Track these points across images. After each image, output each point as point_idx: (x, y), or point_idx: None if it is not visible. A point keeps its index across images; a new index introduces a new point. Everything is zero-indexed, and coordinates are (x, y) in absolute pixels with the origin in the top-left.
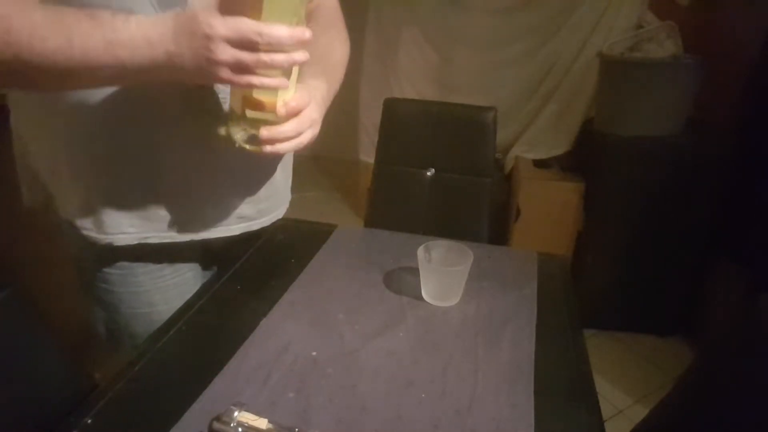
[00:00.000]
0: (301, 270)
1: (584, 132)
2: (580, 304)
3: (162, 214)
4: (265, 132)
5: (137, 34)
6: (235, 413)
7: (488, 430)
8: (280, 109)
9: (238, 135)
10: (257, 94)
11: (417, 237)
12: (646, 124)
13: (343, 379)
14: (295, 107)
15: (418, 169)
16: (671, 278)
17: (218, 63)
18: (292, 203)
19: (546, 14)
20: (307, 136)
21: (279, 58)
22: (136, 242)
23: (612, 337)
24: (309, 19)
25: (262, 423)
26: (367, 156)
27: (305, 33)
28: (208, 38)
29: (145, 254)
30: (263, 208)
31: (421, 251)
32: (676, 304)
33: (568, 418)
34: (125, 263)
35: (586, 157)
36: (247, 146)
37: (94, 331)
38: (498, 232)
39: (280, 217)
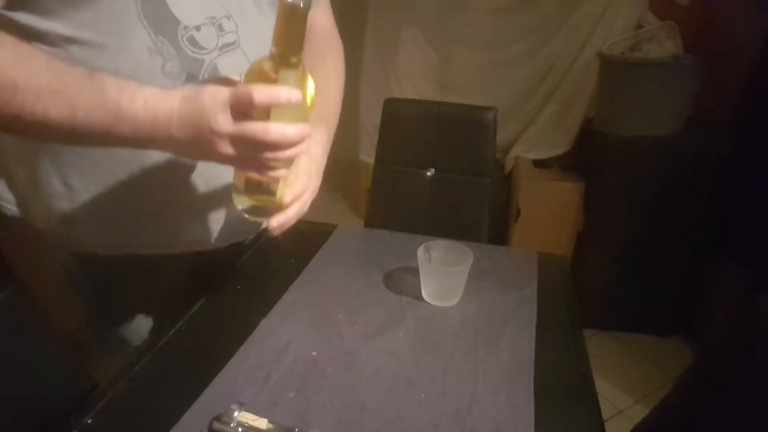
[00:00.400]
0: (301, 270)
1: (584, 132)
2: (580, 304)
3: (147, 228)
4: (275, 223)
5: (143, 115)
6: (235, 413)
7: (488, 430)
8: (282, 194)
9: (240, 206)
10: (259, 178)
11: (417, 237)
12: (646, 124)
13: (343, 379)
14: (299, 194)
15: (418, 169)
16: (671, 278)
17: (222, 156)
18: None
19: (546, 14)
20: (308, 203)
21: (285, 154)
22: (114, 254)
23: (612, 337)
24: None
25: (262, 423)
26: (367, 156)
27: (309, 131)
28: (214, 133)
29: (134, 265)
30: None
31: (421, 251)
32: (676, 304)
33: (568, 418)
34: (113, 269)
35: (586, 157)
36: (249, 217)
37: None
38: (498, 232)
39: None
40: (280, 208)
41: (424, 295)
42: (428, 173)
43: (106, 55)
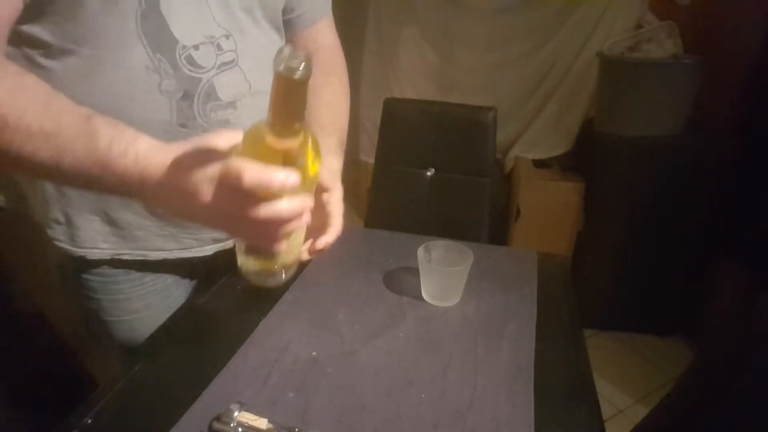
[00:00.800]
0: (301, 270)
1: (584, 132)
2: (580, 304)
3: (136, 233)
4: (310, 255)
5: (131, 171)
6: (235, 413)
7: (488, 430)
8: (285, 259)
9: (243, 269)
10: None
11: (417, 237)
12: (646, 124)
13: (343, 379)
14: (330, 242)
15: (418, 169)
16: (671, 278)
17: (209, 224)
18: None
19: (546, 14)
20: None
21: (280, 231)
22: (109, 257)
23: (612, 337)
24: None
25: (262, 423)
26: (367, 156)
27: (308, 204)
28: (200, 203)
29: (122, 266)
30: None
31: (421, 251)
32: (676, 304)
33: (568, 418)
34: (106, 270)
35: (586, 157)
36: (253, 281)
37: (84, 333)
38: (498, 232)
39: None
40: (282, 271)
41: (424, 295)
42: (428, 173)
43: (104, 71)
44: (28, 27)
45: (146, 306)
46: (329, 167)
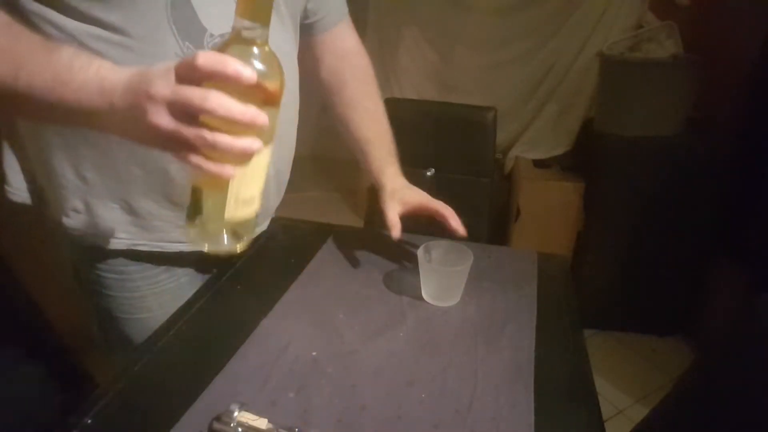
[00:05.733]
0: (301, 270)
1: (584, 132)
2: (580, 304)
3: (155, 224)
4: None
5: (92, 81)
6: (235, 413)
7: (488, 430)
8: (233, 215)
9: (190, 231)
10: (207, 185)
11: (417, 237)
12: (646, 124)
13: (343, 379)
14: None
15: (418, 169)
16: (671, 278)
17: (155, 128)
18: (292, 203)
19: (546, 14)
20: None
21: (224, 139)
22: (126, 248)
23: (612, 337)
24: (344, 71)
25: (262, 423)
26: None
27: (261, 117)
28: (150, 98)
29: (140, 258)
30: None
31: (421, 251)
32: (676, 304)
33: (568, 418)
34: (121, 267)
35: (586, 157)
36: (196, 243)
37: (92, 332)
38: (498, 232)
39: (264, 229)
40: (233, 231)
41: (424, 295)
42: (428, 173)
43: (133, 57)
44: (55, 14)
45: (160, 305)
46: (401, 182)
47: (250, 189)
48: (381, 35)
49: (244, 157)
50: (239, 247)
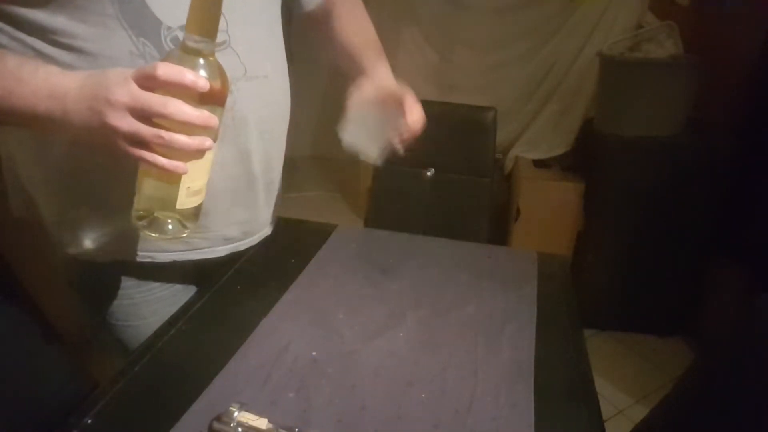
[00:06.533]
0: (301, 270)
1: (584, 132)
2: (580, 304)
3: (142, 235)
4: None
5: (42, 86)
6: (235, 413)
7: (488, 430)
8: (185, 203)
9: (137, 215)
10: (160, 179)
11: (417, 237)
12: (646, 124)
13: (343, 379)
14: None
15: (418, 169)
16: (671, 278)
17: (113, 130)
18: (292, 203)
19: (546, 14)
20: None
21: (181, 139)
22: (114, 260)
23: (612, 337)
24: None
25: (262, 423)
26: None
27: (213, 120)
28: (109, 103)
29: (131, 269)
30: (248, 230)
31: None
32: (676, 304)
33: (568, 418)
34: (113, 276)
35: (586, 157)
36: (148, 232)
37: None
38: (498, 232)
39: (267, 234)
40: (180, 223)
41: (343, 137)
42: (428, 173)
43: (88, 59)
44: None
45: (153, 312)
46: (388, 79)
47: (199, 181)
48: (381, 35)
49: (197, 154)
50: (185, 234)
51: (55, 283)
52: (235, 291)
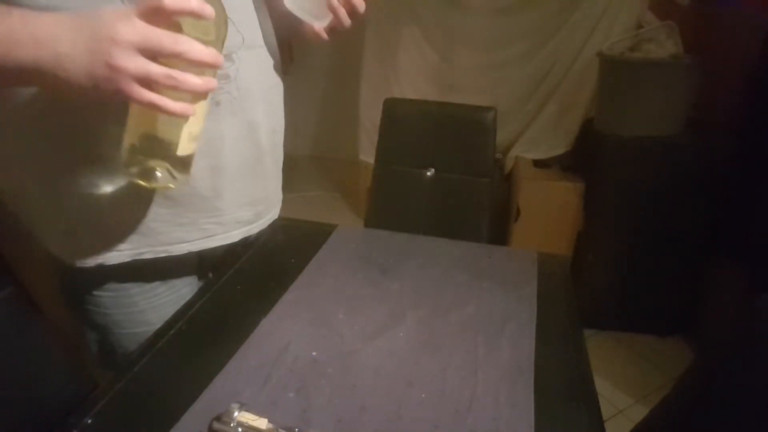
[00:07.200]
0: (301, 270)
1: (584, 132)
2: (580, 304)
3: (151, 226)
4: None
5: (20, 31)
6: (235, 413)
7: (488, 430)
8: (185, 148)
9: (131, 166)
10: (161, 124)
11: (417, 237)
12: (646, 124)
13: (343, 379)
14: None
15: (418, 169)
16: (671, 278)
17: (120, 71)
18: (292, 203)
19: (546, 14)
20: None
21: (193, 78)
22: (129, 259)
23: (612, 337)
24: None
25: (262, 423)
26: (367, 156)
27: (220, 57)
28: (113, 42)
29: (138, 273)
30: (260, 210)
31: None
32: (676, 304)
33: (568, 418)
34: (116, 284)
35: (586, 157)
36: (141, 181)
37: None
38: (498, 232)
39: (276, 217)
40: (170, 172)
41: (286, 3)
42: (428, 173)
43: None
44: None
45: (160, 318)
46: None
47: (197, 126)
48: (381, 35)
49: (202, 95)
50: (173, 185)
51: (55, 283)
52: (235, 291)
